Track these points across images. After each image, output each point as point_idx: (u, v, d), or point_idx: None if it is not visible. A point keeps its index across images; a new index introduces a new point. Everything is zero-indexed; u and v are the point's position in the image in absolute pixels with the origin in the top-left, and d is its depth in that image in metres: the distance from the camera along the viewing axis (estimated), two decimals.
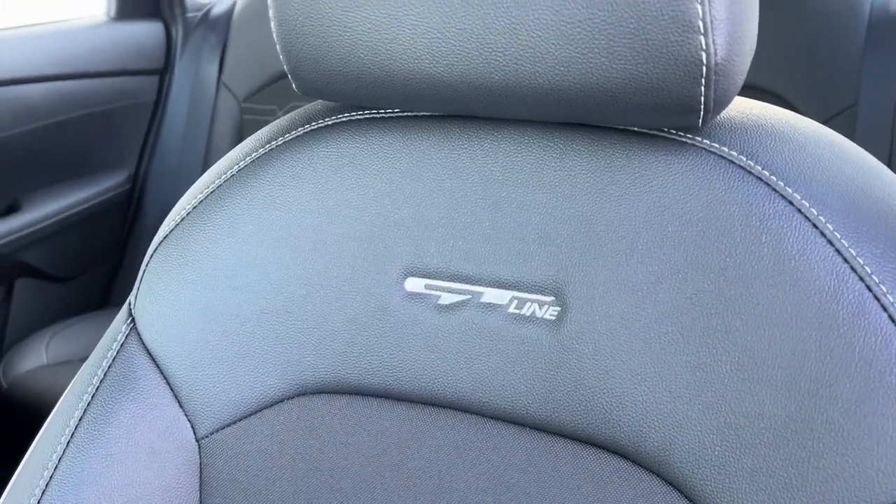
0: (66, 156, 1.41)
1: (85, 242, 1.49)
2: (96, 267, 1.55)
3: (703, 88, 0.37)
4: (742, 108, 0.44)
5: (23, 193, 1.36)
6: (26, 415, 1.26)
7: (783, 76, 1.19)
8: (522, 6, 0.37)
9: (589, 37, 0.37)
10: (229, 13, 1.60)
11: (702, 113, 0.38)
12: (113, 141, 1.50)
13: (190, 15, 1.61)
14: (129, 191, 1.55)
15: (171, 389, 0.50)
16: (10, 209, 1.34)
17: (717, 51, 0.36)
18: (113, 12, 1.50)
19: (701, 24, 0.35)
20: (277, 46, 0.45)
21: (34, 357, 1.31)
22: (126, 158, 1.55)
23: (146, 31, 1.55)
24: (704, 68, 0.36)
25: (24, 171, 1.34)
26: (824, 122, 1.17)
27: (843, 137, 0.43)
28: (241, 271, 0.49)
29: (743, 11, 0.37)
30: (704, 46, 0.36)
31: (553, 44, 0.38)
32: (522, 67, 0.39)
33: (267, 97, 1.51)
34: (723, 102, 0.38)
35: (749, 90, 1.20)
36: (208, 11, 1.62)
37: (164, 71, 1.58)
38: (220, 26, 1.59)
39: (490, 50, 0.39)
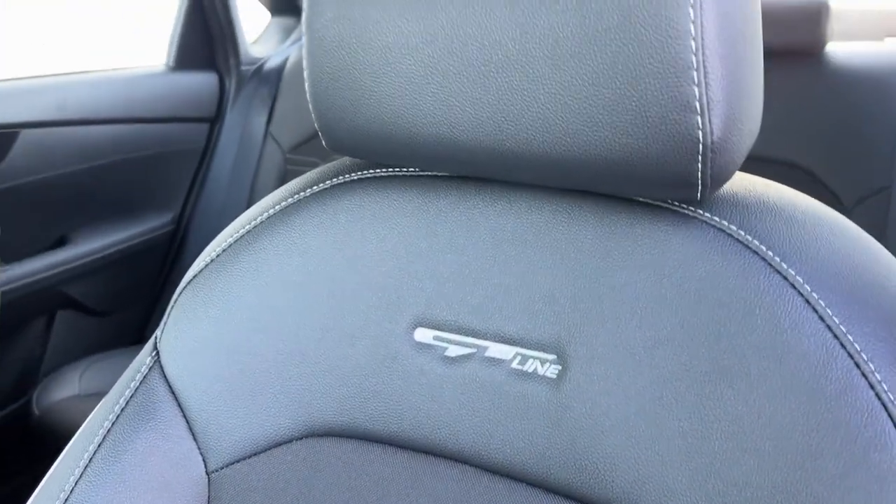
0: (115, 195, 1.46)
1: (126, 279, 1.52)
2: (134, 304, 1.58)
3: (700, 165, 0.39)
4: (745, 183, 0.45)
5: (72, 228, 1.40)
6: (56, 442, 1.29)
7: (817, 155, 1.20)
8: (534, 81, 0.40)
9: (594, 112, 0.39)
10: (281, 68, 1.66)
11: (700, 188, 0.40)
12: (161, 184, 1.55)
13: (244, 67, 1.67)
14: (172, 232, 1.59)
15: (187, 423, 0.51)
16: (59, 242, 1.39)
17: (714, 130, 0.38)
18: (172, 62, 1.58)
19: (698, 105, 0.37)
20: (310, 105, 0.48)
21: (68, 387, 1.34)
22: (172, 201, 1.59)
23: (201, 81, 1.62)
24: (701, 146, 0.38)
25: (76, 207, 1.39)
26: (858, 203, 1.17)
27: (843, 217, 0.45)
28: (262, 313, 0.51)
29: (742, 93, 0.39)
30: (701, 126, 0.38)
31: (561, 116, 0.40)
32: (532, 136, 0.41)
33: (311, 150, 1.56)
34: (721, 178, 0.40)
35: (783, 166, 1.22)
36: (262, 65, 1.69)
37: (215, 119, 1.64)
38: (271, 80, 1.65)
39: (503, 119, 0.41)
